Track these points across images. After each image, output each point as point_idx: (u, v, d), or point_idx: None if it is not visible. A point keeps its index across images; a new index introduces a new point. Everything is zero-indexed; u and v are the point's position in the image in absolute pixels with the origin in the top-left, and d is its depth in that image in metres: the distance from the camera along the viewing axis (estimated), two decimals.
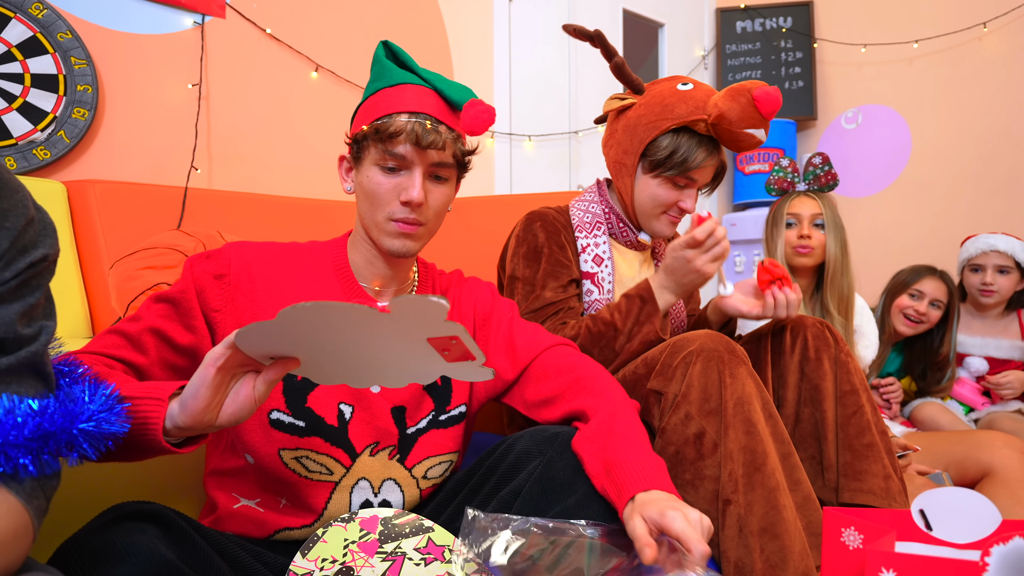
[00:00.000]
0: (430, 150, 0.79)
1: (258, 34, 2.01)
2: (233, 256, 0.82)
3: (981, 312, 1.92)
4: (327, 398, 0.82)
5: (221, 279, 0.80)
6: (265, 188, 2.00)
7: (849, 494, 1.06)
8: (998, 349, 1.87)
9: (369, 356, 0.62)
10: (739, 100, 1.08)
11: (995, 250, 1.86)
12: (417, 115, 0.80)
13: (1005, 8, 2.67)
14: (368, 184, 0.82)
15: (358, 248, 0.88)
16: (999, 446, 1.39)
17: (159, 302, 0.78)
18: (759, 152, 3.24)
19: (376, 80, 0.84)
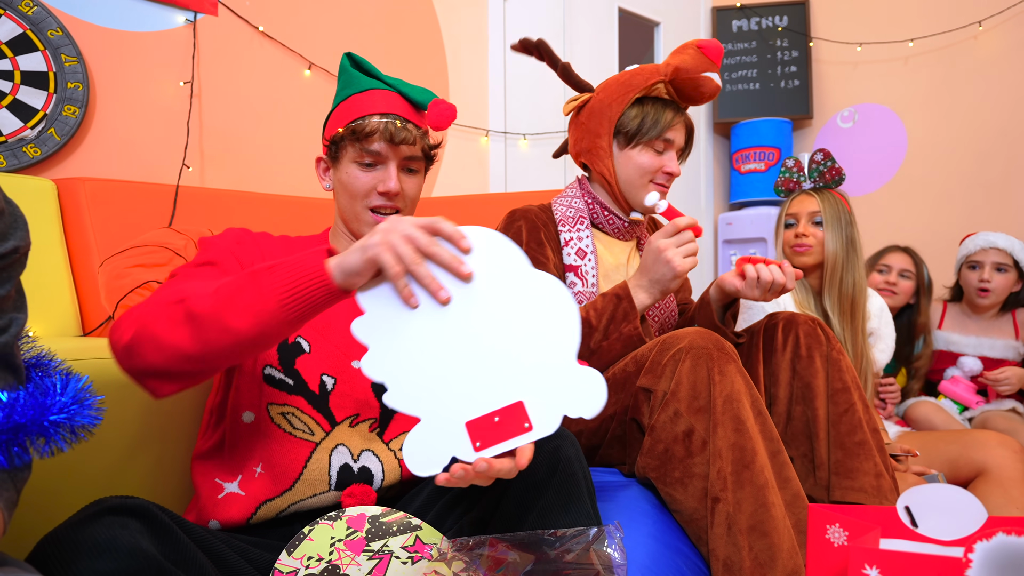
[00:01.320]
0: (402, 146, 0.90)
1: (251, 32, 2.01)
2: (241, 233, 0.90)
3: (976, 311, 1.91)
4: (313, 366, 0.87)
5: (241, 243, 0.88)
6: (258, 186, 1.99)
7: (840, 492, 1.05)
8: (992, 349, 1.87)
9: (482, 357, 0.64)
10: (687, 52, 1.18)
11: (995, 247, 1.85)
12: (388, 116, 0.90)
13: (1000, 7, 2.67)
14: (347, 179, 0.91)
15: (339, 241, 0.96)
16: (993, 445, 1.39)
17: (193, 268, 0.81)
18: (754, 151, 3.23)
19: (345, 88, 0.94)
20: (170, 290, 0.72)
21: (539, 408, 0.64)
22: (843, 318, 1.52)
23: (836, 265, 1.51)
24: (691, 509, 0.91)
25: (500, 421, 0.63)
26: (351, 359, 0.89)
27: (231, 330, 0.64)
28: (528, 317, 0.64)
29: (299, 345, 0.87)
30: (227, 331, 0.64)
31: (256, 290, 0.64)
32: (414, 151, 0.92)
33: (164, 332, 0.65)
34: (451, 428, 0.63)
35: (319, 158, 0.97)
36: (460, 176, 2.53)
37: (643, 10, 3.22)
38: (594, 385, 0.63)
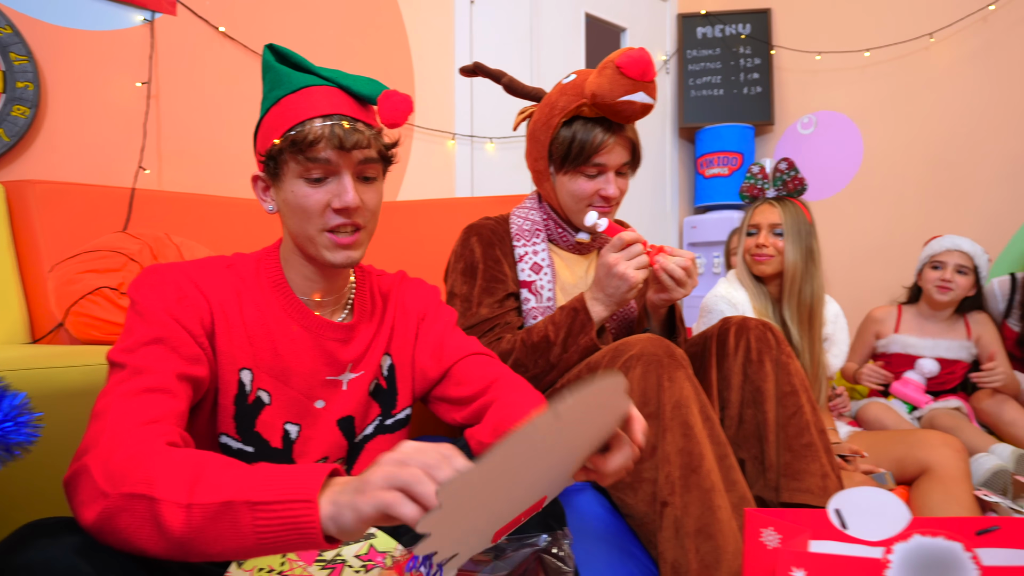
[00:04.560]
0: (355, 151, 0.76)
1: (211, 32, 1.98)
2: (178, 278, 0.76)
3: (934, 308, 1.97)
4: (273, 419, 0.81)
5: (183, 301, 0.75)
6: (218, 189, 1.97)
7: (788, 493, 1.08)
8: (948, 350, 1.93)
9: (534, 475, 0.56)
10: (605, 73, 1.08)
11: (959, 250, 1.91)
12: (332, 117, 0.76)
13: (950, 19, 2.76)
14: (295, 199, 0.77)
15: (292, 264, 0.84)
16: (937, 445, 1.44)
17: (140, 349, 0.70)
18: (718, 156, 3.29)
19: (274, 88, 0.79)
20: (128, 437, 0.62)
21: (556, 486, 0.65)
22: (801, 326, 1.57)
23: (795, 275, 1.55)
24: (641, 513, 0.93)
25: (523, 516, 0.61)
26: (313, 400, 0.83)
27: (204, 553, 0.56)
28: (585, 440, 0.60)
29: (259, 401, 0.80)
30: (199, 553, 0.56)
31: (234, 525, 0.54)
32: (369, 154, 0.78)
33: (132, 532, 0.57)
34: (481, 543, 0.58)
35: (255, 176, 0.82)
36: (426, 180, 2.53)
37: (610, 16, 3.26)
38: None
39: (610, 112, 1.11)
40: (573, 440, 0.57)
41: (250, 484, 0.55)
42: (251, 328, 0.80)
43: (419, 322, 0.95)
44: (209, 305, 0.77)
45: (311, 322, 0.84)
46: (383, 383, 0.91)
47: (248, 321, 0.80)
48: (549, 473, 0.58)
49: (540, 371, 1.10)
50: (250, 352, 0.79)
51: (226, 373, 0.78)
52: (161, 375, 0.68)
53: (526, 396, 0.85)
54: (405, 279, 0.99)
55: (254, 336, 0.80)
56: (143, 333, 0.71)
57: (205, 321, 0.76)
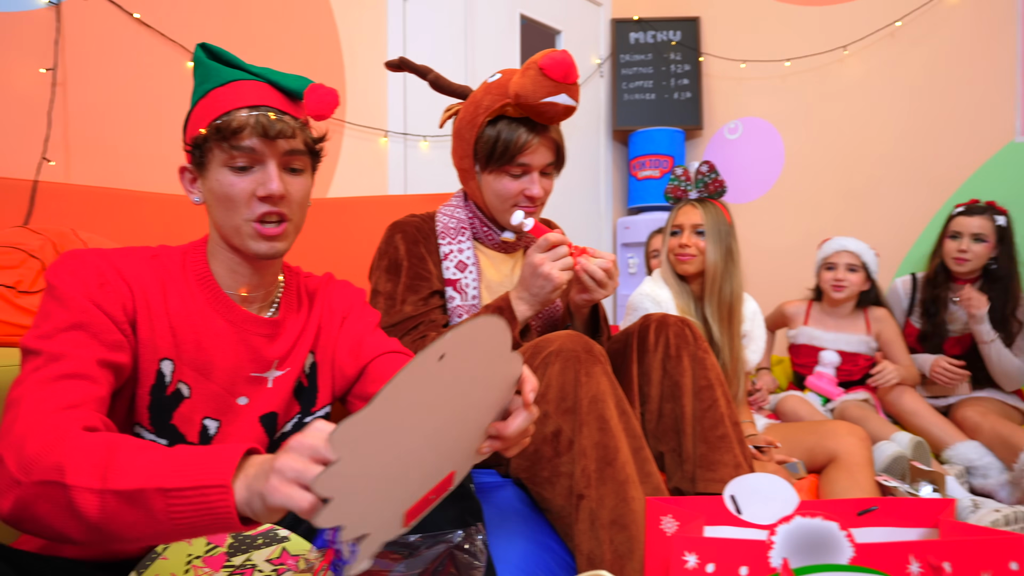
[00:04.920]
0: (279, 140, 0.77)
1: (125, 18, 1.88)
2: (100, 263, 0.75)
3: (833, 305, 2.10)
4: (191, 413, 0.79)
5: (104, 287, 0.73)
6: (132, 183, 1.87)
7: (703, 484, 1.12)
8: (848, 343, 2.06)
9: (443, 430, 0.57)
10: (528, 74, 1.09)
11: (846, 250, 2.06)
12: (258, 108, 0.77)
13: (862, 33, 2.93)
14: (220, 188, 0.78)
15: (218, 257, 0.83)
16: (843, 434, 1.52)
17: (58, 335, 0.68)
18: (650, 159, 3.38)
19: (203, 83, 0.80)
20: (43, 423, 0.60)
21: (463, 464, 0.65)
22: (721, 324, 1.63)
23: (716, 274, 1.61)
24: (559, 507, 0.94)
25: (432, 493, 0.61)
26: (236, 397, 0.82)
27: (123, 538, 0.56)
28: (477, 397, 0.60)
29: (178, 393, 0.78)
30: (118, 538, 0.56)
31: (148, 512, 0.54)
32: (295, 145, 0.79)
33: (51, 519, 0.56)
34: (392, 523, 0.58)
35: (183, 168, 0.83)
36: (358, 177, 2.48)
37: (545, 18, 3.29)
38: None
39: (533, 113, 1.12)
40: (465, 390, 0.57)
41: (163, 469, 0.54)
42: (175, 319, 0.78)
43: (342, 321, 0.95)
44: (131, 292, 0.75)
45: (236, 316, 0.83)
46: (304, 381, 0.90)
47: (172, 312, 0.78)
48: (451, 439, 0.58)
49: None
50: (172, 343, 0.78)
51: (146, 363, 0.76)
52: (80, 361, 0.67)
53: None
54: (333, 280, 0.99)
55: (177, 327, 0.78)
56: (61, 318, 0.69)
57: (127, 307, 0.74)
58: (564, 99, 1.10)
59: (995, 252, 1.98)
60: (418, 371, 0.48)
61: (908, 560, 0.54)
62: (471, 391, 0.58)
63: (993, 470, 1.72)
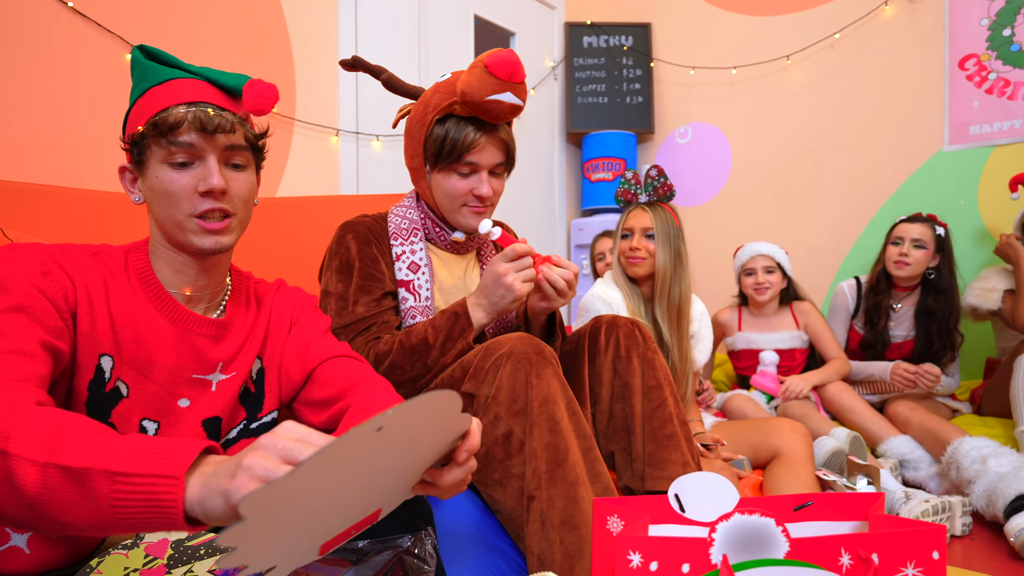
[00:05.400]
0: (218, 134, 0.77)
1: (57, 6, 1.79)
2: (42, 255, 0.73)
3: (760, 309, 2.21)
4: (129, 413, 0.77)
5: (47, 276, 0.72)
6: (66, 180, 1.78)
7: (652, 482, 1.14)
8: (782, 341, 2.17)
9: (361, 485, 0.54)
10: (474, 72, 1.10)
11: (760, 254, 2.17)
12: (196, 104, 0.77)
13: (804, 44, 3.04)
14: (160, 185, 0.77)
15: (160, 257, 0.82)
16: (785, 431, 1.58)
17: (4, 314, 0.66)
18: (603, 161, 3.43)
19: (140, 82, 0.80)
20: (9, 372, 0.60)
21: (391, 502, 0.63)
22: (671, 325, 1.66)
23: (665, 277, 1.65)
24: (510, 508, 0.94)
25: (353, 528, 0.59)
26: (177, 399, 0.80)
27: (55, 520, 0.53)
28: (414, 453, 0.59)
29: (116, 391, 0.76)
30: (50, 520, 0.53)
31: (90, 493, 0.51)
32: (234, 140, 0.79)
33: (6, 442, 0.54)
34: (305, 555, 0.55)
35: (122, 168, 0.81)
36: (308, 176, 2.44)
37: (499, 19, 3.30)
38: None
39: (479, 111, 1.12)
40: (403, 453, 0.56)
41: (115, 452, 0.52)
42: (116, 316, 0.76)
43: (291, 326, 0.94)
44: (73, 284, 0.74)
45: (179, 316, 0.81)
46: (251, 387, 0.89)
47: (113, 308, 0.77)
48: (381, 486, 0.57)
49: (417, 374, 1.09)
50: (112, 340, 0.76)
51: (85, 356, 0.74)
52: (23, 340, 0.65)
53: (384, 400, 0.85)
54: (283, 287, 0.97)
55: (118, 324, 0.76)
56: (2, 302, 0.68)
57: (69, 298, 0.73)
58: (509, 97, 1.10)
59: (934, 261, 2.08)
60: (352, 442, 0.47)
61: (840, 553, 0.56)
62: (408, 450, 0.57)
63: (923, 463, 1.82)
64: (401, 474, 0.61)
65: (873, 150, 2.88)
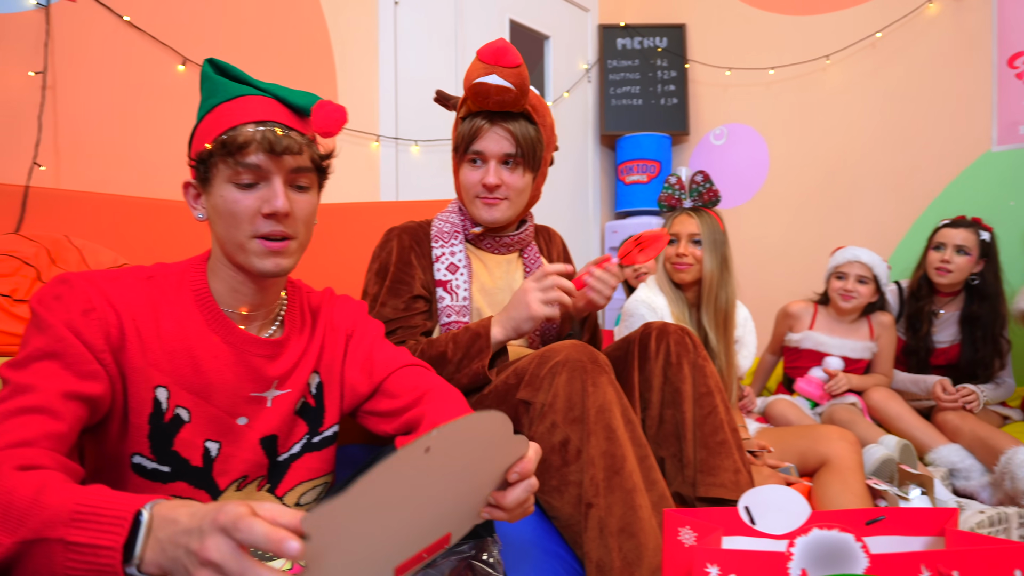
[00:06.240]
0: (285, 156, 0.76)
1: (115, 21, 1.86)
2: (88, 289, 0.72)
3: (840, 315, 2.13)
4: (192, 437, 0.78)
5: (89, 314, 0.71)
6: (122, 188, 1.85)
7: (704, 488, 1.14)
8: (853, 350, 2.09)
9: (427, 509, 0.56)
10: (472, 63, 1.17)
11: (859, 261, 2.07)
12: (265, 123, 0.75)
13: (844, 44, 2.99)
14: (224, 204, 0.76)
15: (219, 275, 0.82)
16: (834, 439, 1.56)
17: (32, 364, 0.67)
18: (637, 164, 3.42)
19: (209, 97, 0.79)
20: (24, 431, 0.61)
21: (461, 527, 0.65)
22: (718, 331, 1.66)
23: (712, 283, 1.64)
24: (567, 515, 0.95)
25: (425, 552, 0.61)
26: (235, 417, 0.81)
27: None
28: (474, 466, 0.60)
29: (177, 419, 0.76)
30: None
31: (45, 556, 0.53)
32: (301, 162, 0.77)
33: None
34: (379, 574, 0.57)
35: (187, 183, 0.81)
36: (349, 183, 2.48)
37: (533, 23, 3.31)
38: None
39: (474, 96, 1.17)
40: (458, 474, 0.57)
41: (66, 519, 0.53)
42: (169, 343, 0.76)
43: (347, 339, 0.94)
44: (119, 319, 0.73)
45: (235, 337, 0.81)
46: (311, 401, 0.89)
47: (165, 336, 0.77)
48: (446, 509, 0.59)
49: None
50: (168, 369, 0.76)
51: (139, 391, 0.74)
52: (45, 394, 0.65)
53: (456, 410, 0.86)
54: (333, 296, 0.98)
55: (173, 351, 0.77)
56: (36, 347, 0.68)
57: (112, 336, 0.72)
58: (494, 79, 1.13)
59: (978, 267, 2.02)
60: (400, 463, 0.48)
61: (919, 569, 0.56)
62: (463, 472, 0.58)
63: (975, 472, 1.78)
64: (464, 497, 0.62)
65: (917, 151, 2.82)
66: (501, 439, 0.60)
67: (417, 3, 2.74)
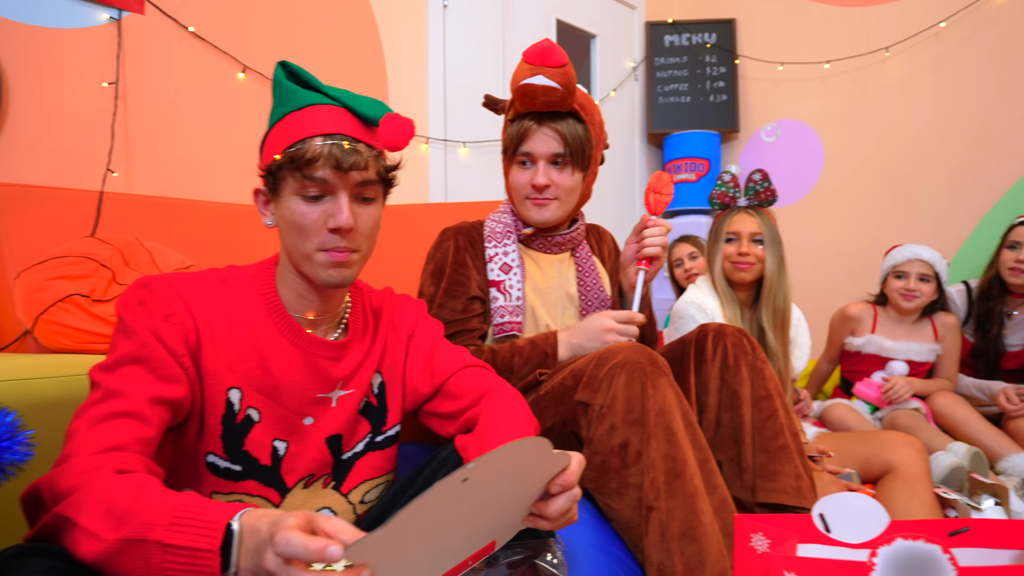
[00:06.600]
0: (352, 172, 0.76)
1: (180, 32, 1.94)
2: (168, 293, 0.75)
3: (901, 316, 2.05)
4: (262, 437, 0.80)
5: (170, 319, 0.74)
6: (188, 192, 1.92)
7: (764, 494, 1.12)
8: (918, 353, 2.01)
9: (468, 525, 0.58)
10: (518, 65, 1.17)
11: (919, 259, 1.98)
12: (333, 136, 0.76)
13: (905, 35, 2.88)
14: (291, 216, 0.77)
15: (286, 281, 0.83)
16: (899, 445, 1.50)
17: (119, 368, 0.70)
18: (685, 162, 3.37)
19: (281, 104, 0.80)
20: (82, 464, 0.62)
21: (504, 534, 0.66)
22: (775, 330, 1.62)
23: (772, 282, 1.62)
24: (627, 518, 0.95)
25: (471, 559, 0.62)
26: (302, 418, 0.83)
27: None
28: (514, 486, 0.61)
29: (248, 419, 0.79)
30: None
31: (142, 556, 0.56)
32: (367, 176, 0.78)
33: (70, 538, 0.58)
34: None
35: (257, 190, 0.83)
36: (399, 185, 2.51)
37: (580, 22, 3.30)
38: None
39: (521, 98, 1.17)
40: (500, 494, 0.58)
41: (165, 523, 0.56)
42: (241, 346, 0.79)
43: (408, 339, 0.96)
44: (196, 324, 0.76)
45: (303, 340, 0.83)
46: (373, 401, 0.91)
47: (238, 339, 0.79)
48: (488, 522, 0.60)
49: None
50: (240, 371, 0.78)
51: (214, 393, 0.77)
52: (134, 399, 0.68)
53: (515, 410, 0.87)
54: (393, 295, 1.00)
55: (245, 354, 0.79)
56: (123, 352, 0.71)
57: (191, 340, 0.75)
58: (540, 79, 1.13)
59: None
60: (439, 495, 0.50)
61: None
62: (505, 491, 0.59)
63: None
64: (506, 511, 0.63)
65: (983, 145, 2.69)
66: (541, 460, 0.61)
67: (465, 5, 2.77)
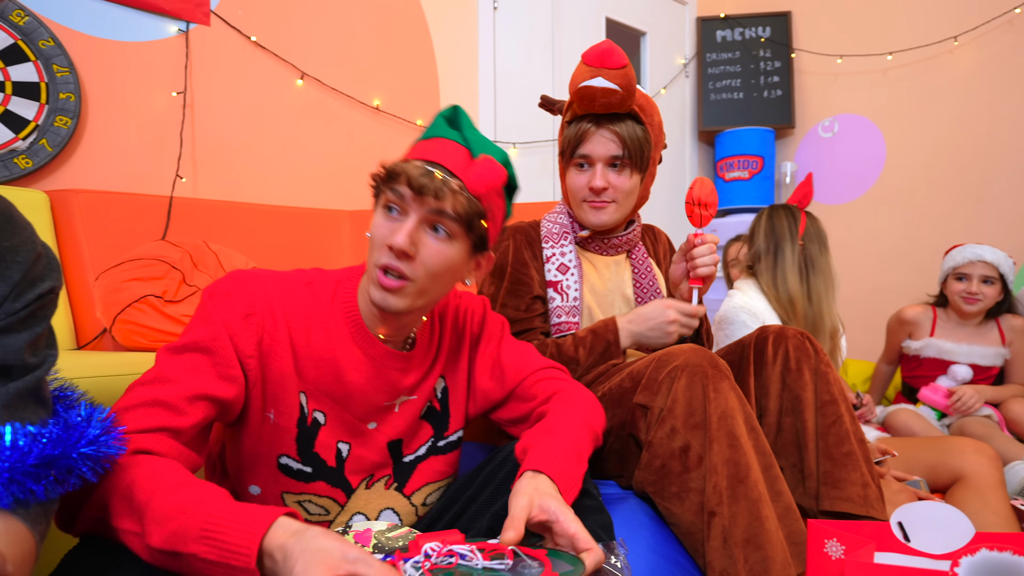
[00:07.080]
0: (427, 196, 0.74)
1: (243, 41, 2.01)
2: (255, 291, 0.76)
3: (963, 319, 1.96)
4: (328, 439, 0.82)
5: (249, 319, 0.75)
6: (251, 197, 2.00)
7: (829, 502, 1.09)
8: (983, 357, 1.91)
9: None
10: (577, 67, 1.16)
11: (982, 260, 1.88)
12: (432, 164, 0.75)
13: (974, 23, 2.75)
14: (372, 227, 0.78)
15: (364, 293, 0.83)
16: (970, 452, 1.44)
17: (186, 352, 0.72)
18: (738, 160, 3.29)
19: (422, 135, 0.82)
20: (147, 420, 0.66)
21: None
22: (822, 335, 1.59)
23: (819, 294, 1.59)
24: (688, 523, 0.94)
25: None
26: (367, 423, 0.84)
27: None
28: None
29: (316, 422, 0.80)
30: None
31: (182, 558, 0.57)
32: (442, 206, 0.74)
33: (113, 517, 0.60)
34: None
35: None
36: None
37: (630, 20, 3.27)
38: None
39: (579, 100, 1.16)
40: None
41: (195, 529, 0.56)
42: (316, 351, 0.80)
43: (473, 340, 0.96)
44: (275, 325, 0.77)
45: (376, 351, 0.83)
46: (436, 405, 0.91)
47: (314, 344, 0.80)
48: None
49: None
50: (312, 376, 0.80)
51: (286, 395, 0.78)
52: (182, 389, 0.69)
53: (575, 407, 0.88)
54: (456, 295, 0.99)
55: (319, 360, 0.80)
56: (195, 338, 0.72)
57: (264, 341, 0.76)
58: (599, 81, 1.13)
59: None
60: None
61: None
62: None
63: None
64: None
65: None
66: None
67: (515, 6, 2.78)
